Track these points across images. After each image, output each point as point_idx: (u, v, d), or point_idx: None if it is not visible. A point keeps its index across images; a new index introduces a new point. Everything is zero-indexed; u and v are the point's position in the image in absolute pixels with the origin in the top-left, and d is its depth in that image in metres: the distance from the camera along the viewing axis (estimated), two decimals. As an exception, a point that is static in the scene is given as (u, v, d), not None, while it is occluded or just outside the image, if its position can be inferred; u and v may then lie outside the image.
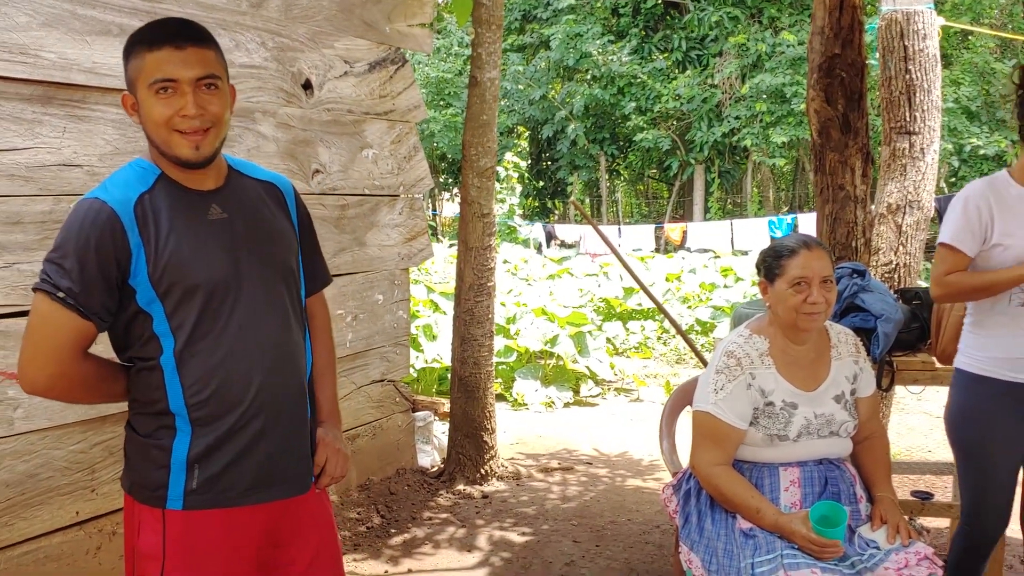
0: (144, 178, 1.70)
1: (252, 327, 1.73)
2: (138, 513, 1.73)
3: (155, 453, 1.70)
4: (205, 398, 1.68)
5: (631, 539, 3.95)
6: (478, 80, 4.33)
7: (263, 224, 1.81)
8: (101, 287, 1.63)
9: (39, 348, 1.64)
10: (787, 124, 16.34)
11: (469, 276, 4.55)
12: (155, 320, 1.67)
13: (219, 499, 1.71)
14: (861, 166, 3.75)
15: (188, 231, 1.69)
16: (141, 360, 1.70)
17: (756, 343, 2.47)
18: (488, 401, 4.70)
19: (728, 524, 2.41)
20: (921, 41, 4.56)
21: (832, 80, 3.67)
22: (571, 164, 21.11)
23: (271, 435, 1.75)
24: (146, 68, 1.65)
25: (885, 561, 2.23)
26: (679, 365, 8.51)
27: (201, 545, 1.70)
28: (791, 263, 2.37)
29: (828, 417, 2.44)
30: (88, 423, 3.01)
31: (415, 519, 4.19)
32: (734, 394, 2.41)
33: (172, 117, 1.65)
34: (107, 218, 1.62)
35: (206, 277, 1.68)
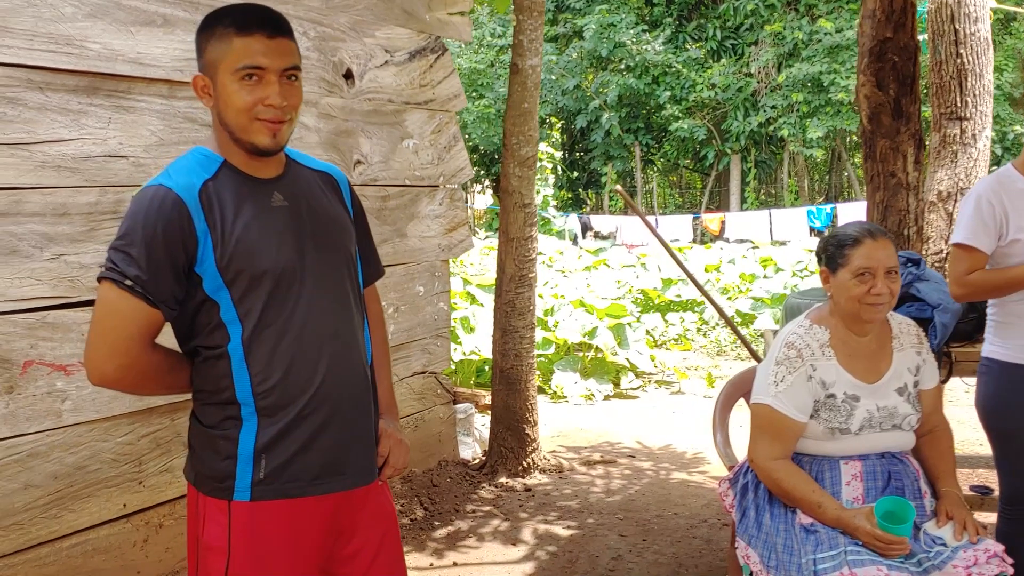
0: (207, 165, 1.68)
1: (317, 314, 1.71)
2: (203, 505, 1.70)
3: (221, 444, 1.67)
4: (272, 386, 1.66)
5: (678, 533, 3.89)
6: (519, 67, 4.27)
7: (323, 212, 1.78)
8: (169, 274, 1.60)
9: (106, 338, 1.61)
10: (824, 114, 16.09)
11: (510, 267, 4.51)
12: (222, 308, 1.65)
13: (285, 489, 1.68)
14: (913, 152, 3.64)
15: (254, 218, 1.66)
16: (207, 349, 1.67)
17: (817, 333, 2.39)
18: (530, 393, 4.65)
19: (788, 519, 2.34)
20: (972, 24, 4.44)
21: (883, 64, 3.58)
22: (605, 154, 20.98)
23: (336, 424, 1.73)
24: (233, 52, 1.62)
25: (953, 559, 2.15)
26: (720, 357, 8.41)
27: (266, 537, 1.68)
28: (855, 253, 2.29)
29: (891, 410, 2.37)
30: (135, 415, 3.01)
31: (458, 511, 4.16)
32: (794, 386, 2.34)
33: (255, 105, 1.62)
34: (173, 204, 1.60)
35: (273, 264, 1.66)
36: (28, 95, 2.65)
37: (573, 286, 9.64)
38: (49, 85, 2.70)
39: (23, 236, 2.65)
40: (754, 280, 10.67)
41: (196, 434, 1.73)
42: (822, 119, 15.80)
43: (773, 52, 17.44)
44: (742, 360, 8.29)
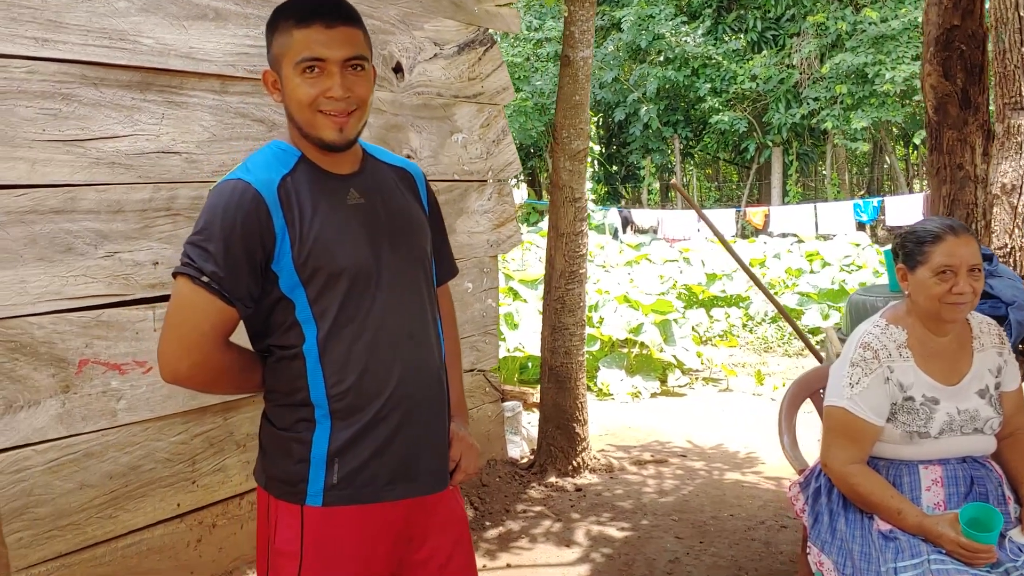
0: (285, 160, 1.64)
1: (392, 315, 1.65)
2: (274, 509, 1.65)
3: (295, 447, 1.62)
4: (347, 388, 1.61)
5: (736, 536, 3.79)
6: (571, 59, 4.19)
7: (399, 210, 1.73)
8: (246, 271, 1.56)
9: (181, 335, 1.57)
10: (869, 106, 15.78)
11: (560, 263, 4.43)
12: (298, 307, 1.60)
13: (359, 495, 1.63)
14: (981, 143, 3.52)
15: (331, 215, 1.61)
16: (281, 349, 1.63)
17: (893, 334, 2.29)
18: (580, 391, 4.57)
19: (864, 525, 2.25)
20: (1040, 10, 4.26)
21: (950, 53, 3.45)
22: (643, 148, 20.79)
23: (410, 427, 1.67)
24: (294, 46, 1.58)
25: (1043, 569, 2.05)
26: (767, 354, 8.28)
27: (339, 542, 1.63)
28: (935, 250, 2.19)
29: (972, 413, 2.26)
30: (188, 414, 2.98)
31: (508, 511, 4.09)
32: (871, 388, 2.24)
33: (317, 98, 1.58)
34: (252, 199, 1.55)
35: (350, 262, 1.61)
36: (82, 91, 2.62)
37: (615, 281, 9.54)
38: (103, 81, 2.67)
39: (78, 234, 2.63)
40: (800, 275, 10.50)
41: (268, 436, 1.68)
42: (867, 111, 15.48)
43: (816, 43, 17.14)
44: (789, 357, 8.16)
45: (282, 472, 1.63)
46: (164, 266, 2.86)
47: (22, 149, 2.49)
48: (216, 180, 2.98)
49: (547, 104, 20.61)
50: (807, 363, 7.81)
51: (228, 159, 3.03)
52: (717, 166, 25.67)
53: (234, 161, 3.04)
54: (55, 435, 2.61)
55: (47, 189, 2.56)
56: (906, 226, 2.53)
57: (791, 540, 3.72)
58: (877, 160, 22.64)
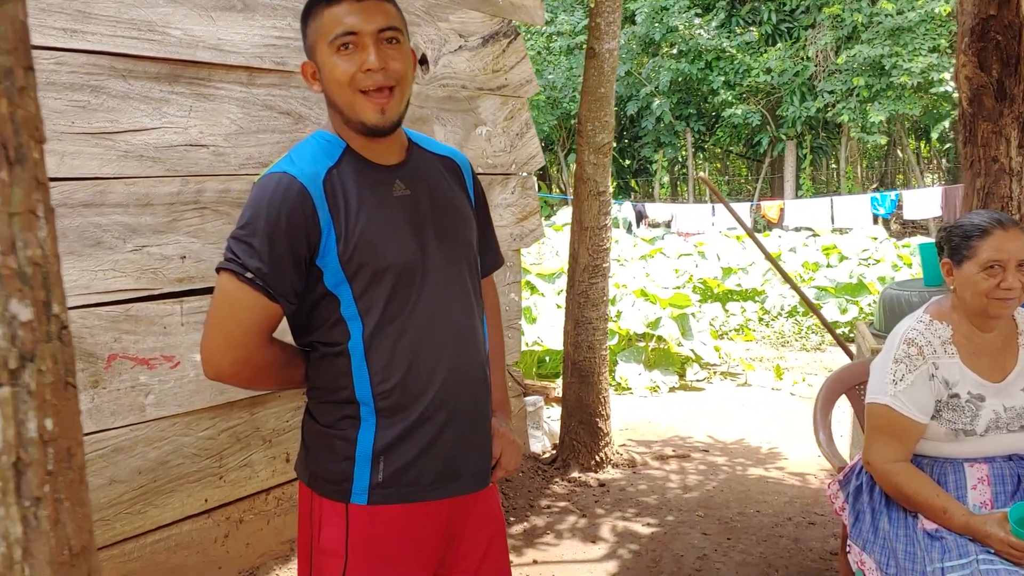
0: (330, 151, 1.59)
1: (439, 311, 1.61)
2: (318, 507, 1.62)
3: (339, 444, 1.59)
4: (393, 386, 1.57)
5: (763, 532, 3.75)
6: (596, 51, 4.14)
7: (445, 201, 1.68)
8: (290, 267, 1.52)
9: (225, 332, 1.53)
10: (886, 99, 15.65)
11: (584, 257, 4.39)
12: (342, 303, 1.56)
13: (404, 493, 1.60)
14: (1018, 136, 3.44)
15: (376, 209, 1.57)
16: (326, 345, 1.59)
17: (938, 329, 2.24)
18: (603, 386, 4.54)
19: (908, 524, 2.20)
20: (1074, -1, 4.19)
21: (986, 44, 3.37)
22: (655, 141, 20.70)
23: (456, 425, 1.64)
24: (325, 25, 1.53)
25: (1094, 570, 2.01)
26: (784, 348, 8.22)
27: (384, 541, 1.60)
28: (983, 244, 2.13)
29: (1019, 410, 2.21)
30: (216, 409, 2.96)
31: (532, 507, 4.06)
32: (915, 385, 2.19)
33: (355, 74, 1.52)
34: (298, 193, 1.51)
35: (395, 257, 1.56)
36: (111, 83, 2.60)
37: (631, 275, 9.49)
38: (131, 73, 2.65)
39: (107, 227, 2.60)
40: (817, 269, 10.42)
41: (312, 433, 1.65)
42: (884, 103, 15.35)
43: (832, 35, 17.01)
44: (807, 351, 8.10)
45: (327, 470, 1.60)
46: (192, 260, 2.84)
47: (51, 142, 2.47)
48: (243, 173, 2.96)
49: (559, 98, 20.54)
50: (825, 358, 7.76)
51: (255, 152, 3.01)
52: (728, 160, 25.54)
53: (261, 154, 3.01)
54: (84, 430, 2.57)
55: (76, 182, 2.54)
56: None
57: (820, 537, 3.68)
58: (890, 153, 22.50)
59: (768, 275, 10.14)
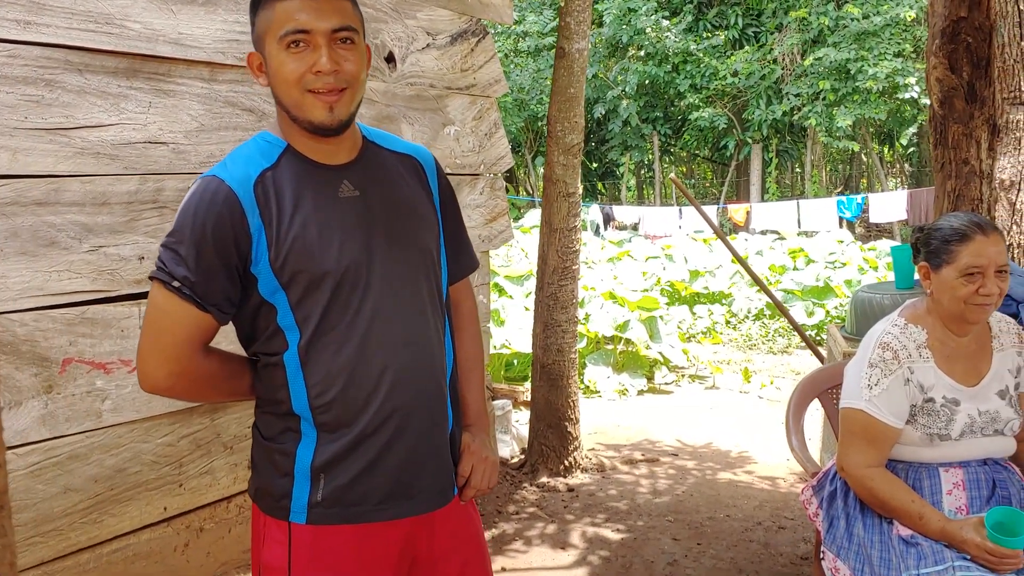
0: (268, 152, 1.51)
1: (384, 320, 1.52)
2: (263, 523, 1.55)
3: (279, 458, 1.52)
4: (330, 400, 1.49)
5: (733, 537, 3.73)
6: (566, 51, 4.10)
7: (401, 202, 1.59)
8: (221, 275, 1.44)
9: (156, 343, 1.47)
10: (852, 103, 15.80)
11: (553, 259, 4.34)
12: (279, 312, 1.48)
13: (348, 514, 1.51)
14: (988, 138, 3.46)
15: (315, 212, 1.48)
16: (266, 355, 1.52)
17: (913, 333, 2.22)
18: (572, 390, 4.50)
19: (883, 530, 2.18)
20: (1039, 4, 4.22)
21: (957, 46, 3.39)
22: (623, 144, 20.73)
23: (405, 441, 1.54)
24: (276, 19, 1.45)
25: (1069, 576, 1.99)
26: (752, 351, 8.24)
27: (330, 563, 1.52)
28: (963, 249, 2.11)
29: (993, 415, 2.20)
30: (176, 415, 2.87)
31: (501, 513, 4.01)
32: (890, 390, 2.17)
33: (304, 75, 1.44)
34: (224, 199, 1.44)
35: (335, 264, 1.48)
36: (67, 77, 2.50)
37: (599, 278, 9.48)
38: (88, 67, 2.55)
39: (62, 227, 2.51)
40: (784, 272, 10.48)
41: (256, 446, 1.58)
42: (849, 107, 15.49)
43: (798, 38, 17.15)
44: (774, 354, 8.13)
45: (268, 485, 1.53)
46: (151, 261, 2.74)
47: (3, 138, 2.37)
48: (204, 172, 2.88)
49: (527, 100, 20.51)
50: (792, 360, 7.79)
51: (216, 150, 2.92)
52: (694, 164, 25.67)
53: (222, 152, 2.93)
54: (37, 437, 2.49)
55: (29, 180, 2.44)
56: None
57: (790, 541, 3.66)
58: (855, 157, 22.74)
59: (735, 278, 10.18)
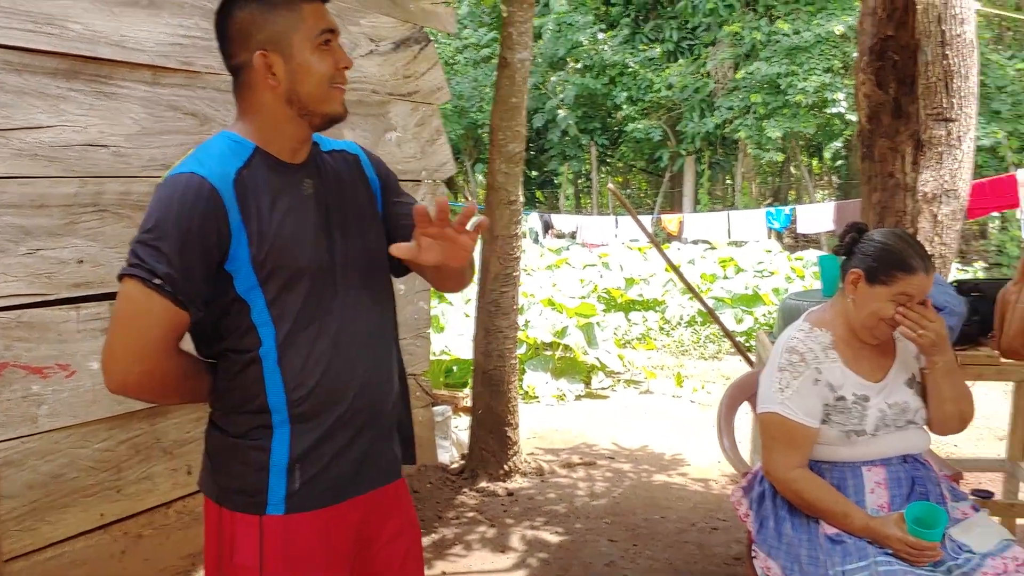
0: (238, 152, 1.53)
1: (352, 313, 1.58)
2: (229, 522, 1.55)
3: (253, 455, 1.53)
4: (307, 393, 1.53)
5: (669, 538, 3.81)
6: (508, 61, 4.16)
7: (348, 198, 1.65)
8: (201, 272, 1.46)
9: (131, 343, 1.46)
10: (781, 116, 16.20)
11: (495, 265, 4.39)
12: (253, 309, 1.50)
13: (321, 498, 1.57)
14: (912, 153, 3.62)
15: (289, 209, 1.53)
16: (236, 353, 1.53)
17: (818, 336, 2.33)
18: (512, 395, 4.55)
19: (811, 529, 2.27)
20: (959, 26, 4.43)
21: (884, 63, 3.54)
22: (561, 154, 20.93)
23: (372, 429, 1.62)
24: (306, 19, 1.53)
25: (982, 566, 2.10)
26: (684, 356, 8.41)
27: (300, 549, 1.55)
28: (906, 280, 2.20)
29: (903, 406, 2.31)
30: (114, 420, 2.84)
31: (441, 518, 4.04)
32: (801, 391, 2.27)
33: (333, 71, 1.55)
34: (208, 195, 1.45)
35: (311, 259, 1.53)
36: (5, 77, 2.47)
37: (538, 284, 9.56)
38: (27, 67, 2.52)
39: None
40: (715, 280, 10.70)
41: (220, 446, 1.58)
42: (779, 121, 15.89)
43: (731, 52, 17.52)
44: (706, 360, 8.30)
45: (240, 483, 1.55)
46: (89, 264, 2.72)
47: (-62, 137, 2.33)
48: (145, 175, 2.86)
49: (467, 108, 20.57)
50: (722, 366, 7.97)
51: (159, 153, 2.91)
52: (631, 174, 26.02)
53: (164, 156, 2.92)
54: (-29, 443, 2.45)
55: (-35, 181, 2.40)
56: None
57: (723, 542, 3.77)
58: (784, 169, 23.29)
59: (668, 285, 10.36)
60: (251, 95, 1.55)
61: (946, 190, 4.46)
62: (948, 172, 4.47)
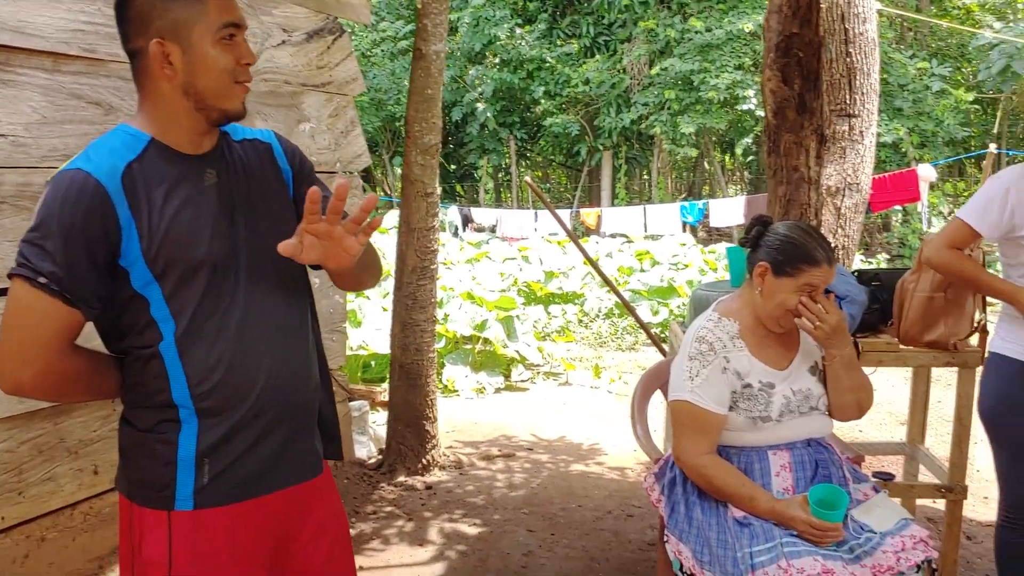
0: (132, 145, 1.49)
1: (257, 306, 1.56)
2: (139, 518, 1.53)
3: (160, 448, 1.51)
4: (212, 388, 1.50)
5: (585, 526, 3.87)
6: (423, 53, 4.14)
7: (257, 187, 1.62)
8: (89, 270, 1.43)
9: (21, 343, 1.42)
10: (695, 112, 16.50)
11: (412, 259, 4.38)
12: (152, 304, 1.48)
13: (232, 493, 1.54)
14: (815, 147, 3.74)
15: (185, 202, 1.49)
16: (138, 349, 1.50)
17: (726, 326, 2.41)
18: (430, 389, 4.55)
19: (720, 513, 2.33)
20: (861, 24, 4.58)
21: (789, 60, 3.64)
22: (480, 148, 20.92)
23: (286, 422, 1.60)
24: (211, 11, 1.48)
25: (882, 544, 2.20)
26: (602, 348, 8.51)
27: (211, 545, 1.53)
28: (811, 272, 2.29)
29: (806, 393, 2.40)
30: (14, 420, 2.74)
31: (358, 513, 4.01)
32: (710, 380, 2.34)
33: (235, 67, 1.51)
34: (93, 191, 1.42)
35: (210, 252, 1.50)
36: None
37: (458, 278, 9.55)
38: (-84, 52, 2.41)
39: None
40: (632, 273, 10.86)
41: (130, 440, 1.56)
42: (693, 116, 16.19)
43: (646, 49, 17.77)
44: (623, 351, 8.42)
45: (147, 477, 1.52)
46: (-14, 258, 2.62)
47: None
48: (46, 166, 2.76)
49: (384, 100, 20.39)
50: (639, 356, 8.10)
51: (60, 143, 2.81)
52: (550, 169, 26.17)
53: (66, 146, 2.82)
54: None
55: None
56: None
57: (638, 529, 3.84)
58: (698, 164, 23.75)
59: (587, 279, 10.47)
60: (148, 83, 1.51)
61: (849, 184, 4.62)
62: (851, 166, 4.62)
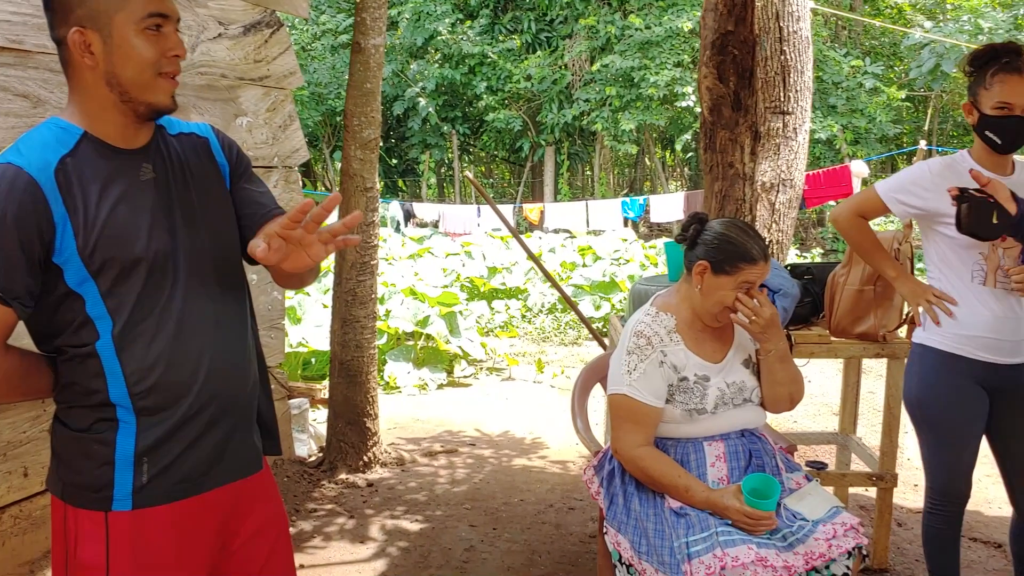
0: (64, 139, 1.46)
1: (195, 302, 1.54)
2: (73, 520, 1.50)
3: (96, 448, 1.48)
4: (150, 386, 1.48)
5: (527, 520, 3.89)
6: (362, 46, 4.11)
7: (194, 182, 1.60)
8: (23, 267, 1.39)
9: None
10: (635, 109, 16.65)
11: (351, 254, 4.34)
12: (88, 302, 1.45)
13: (171, 492, 1.52)
14: (750, 144, 3.80)
15: (121, 197, 1.46)
16: (74, 348, 1.47)
17: (663, 320, 2.45)
18: (371, 385, 4.52)
19: (657, 504, 2.37)
20: (795, 23, 4.69)
21: (724, 58, 3.70)
22: (423, 143, 20.84)
23: (226, 420, 1.59)
24: (133, 2, 1.45)
25: (814, 532, 2.25)
26: (545, 343, 8.56)
27: (150, 546, 1.50)
28: (749, 269, 2.33)
29: (740, 385, 2.45)
30: (-62, 421, 2.65)
31: (299, 512, 3.97)
32: (647, 373, 2.37)
33: (160, 58, 1.47)
34: (26, 186, 1.38)
35: (146, 248, 1.47)
36: None
37: (400, 274, 9.51)
38: None
39: None
40: (574, 268, 10.93)
41: (63, 440, 1.52)
42: (633, 113, 16.34)
43: (587, 45, 17.87)
44: (566, 345, 8.48)
45: (83, 478, 1.49)
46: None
47: None
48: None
49: (324, 95, 20.18)
50: (581, 351, 8.16)
51: (-16, 136, 2.73)
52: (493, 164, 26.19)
53: (-9, 139, 2.74)
54: None
55: None
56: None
57: (579, 521, 3.87)
58: (639, 161, 23.98)
59: (530, 274, 10.51)
60: (73, 73, 1.49)
61: (783, 180, 4.72)
62: (785, 163, 4.73)
